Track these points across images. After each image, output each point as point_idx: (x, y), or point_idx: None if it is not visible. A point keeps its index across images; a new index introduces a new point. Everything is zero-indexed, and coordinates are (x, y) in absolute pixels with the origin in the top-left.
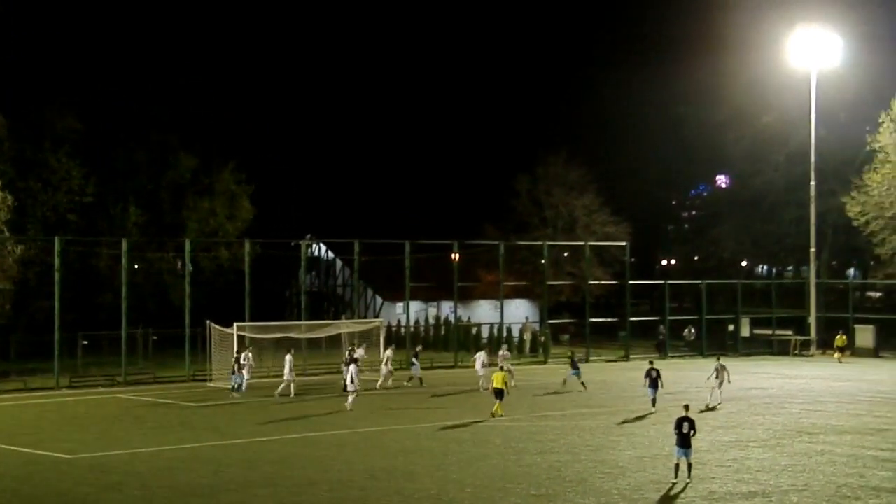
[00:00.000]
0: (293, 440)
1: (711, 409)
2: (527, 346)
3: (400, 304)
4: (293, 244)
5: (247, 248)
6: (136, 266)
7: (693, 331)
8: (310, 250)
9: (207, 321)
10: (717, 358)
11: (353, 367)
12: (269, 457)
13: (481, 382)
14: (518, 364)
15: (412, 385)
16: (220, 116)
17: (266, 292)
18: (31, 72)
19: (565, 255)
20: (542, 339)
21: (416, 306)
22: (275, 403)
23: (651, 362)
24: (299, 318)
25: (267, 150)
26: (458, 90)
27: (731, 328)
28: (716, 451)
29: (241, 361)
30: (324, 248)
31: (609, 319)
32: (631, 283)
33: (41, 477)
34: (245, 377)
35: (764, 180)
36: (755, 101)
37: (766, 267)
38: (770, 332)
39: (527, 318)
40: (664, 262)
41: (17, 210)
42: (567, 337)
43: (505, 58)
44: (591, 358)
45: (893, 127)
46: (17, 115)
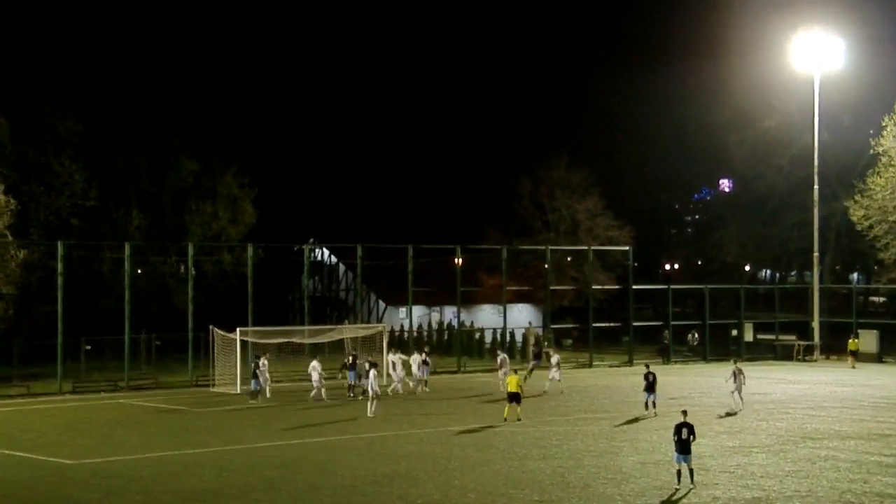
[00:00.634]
0: (296, 445)
1: (733, 414)
2: (530, 351)
3: (403, 309)
4: (296, 248)
5: (249, 252)
6: (139, 270)
7: (696, 335)
8: (313, 254)
9: (210, 326)
10: (734, 361)
11: (372, 373)
12: (272, 462)
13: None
14: (521, 369)
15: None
16: (222, 119)
17: (269, 297)
18: (33, 74)
19: (568, 259)
20: (546, 343)
21: (418, 311)
22: (278, 408)
23: (647, 366)
24: (302, 323)
25: (269, 153)
26: (460, 93)
27: (735, 333)
28: (719, 456)
29: (261, 367)
30: (327, 252)
31: (612, 324)
32: (634, 287)
33: (44, 482)
34: (261, 383)
35: (767, 184)
36: (758, 104)
37: (769, 271)
38: (773, 337)
39: (530, 323)
40: (667, 267)
41: (20, 214)
42: (570, 342)
43: (507, 60)
44: (595, 363)
45: None
46: (19, 118)
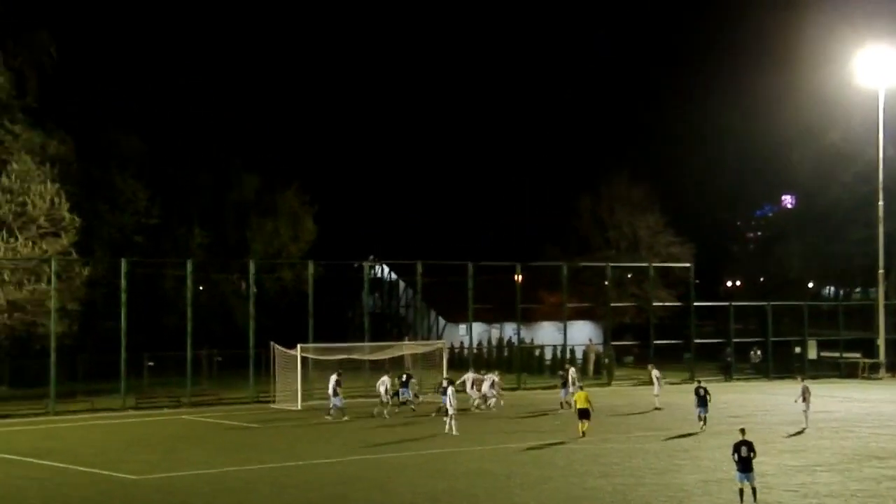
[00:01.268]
0: (355, 462)
1: (800, 432)
2: (590, 367)
3: (463, 326)
4: (356, 265)
5: (310, 269)
6: (201, 287)
7: (759, 353)
8: (373, 271)
9: (271, 342)
10: (801, 379)
11: (450, 390)
12: (332, 478)
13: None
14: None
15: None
16: (283, 136)
17: (329, 313)
18: (98, 93)
19: (629, 276)
20: (606, 360)
21: (478, 328)
22: (337, 424)
23: (698, 381)
24: (362, 340)
25: (330, 170)
26: (522, 111)
27: (798, 350)
28: (782, 475)
29: (333, 384)
30: (387, 269)
31: (673, 341)
32: (695, 304)
33: (107, 497)
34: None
35: (830, 199)
36: (821, 119)
37: (833, 288)
38: (838, 355)
39: (590, 340)
40: (729, 284)
41: (84, 231)
42: (631, 359)
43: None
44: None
45: None
46: (83, 137)
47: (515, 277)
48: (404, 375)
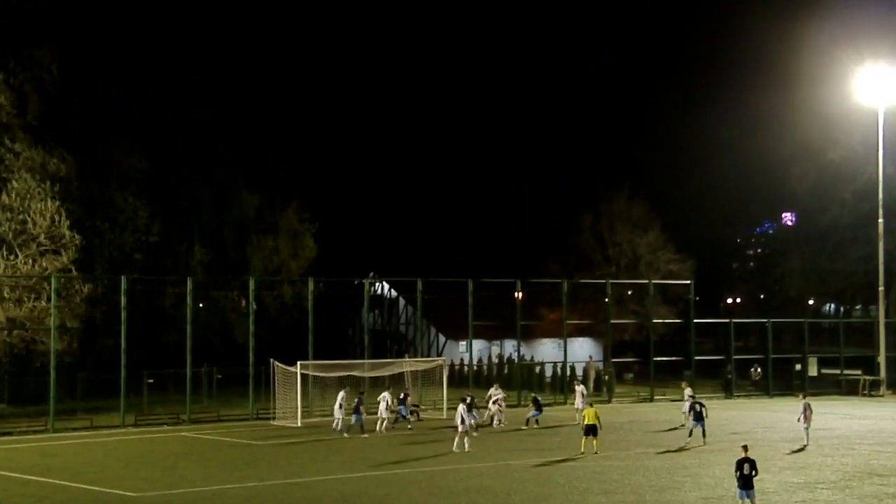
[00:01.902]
0: (356, 479)
1: (801, 449)
2: (591, 384)
3: (463, 343)
4: (356, 282)
5: (310, 286)
6: (201, 304)
7: (759, 370)
8: (373, 289)
9: (271, 359)
10: (803, 396)
11: (461, 407)
12: (333, 496)
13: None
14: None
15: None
16: (283, 155)
17: (329, 330)
18: (98, 112)
19: (629, 293)
20: (607, 377)
21: (479, 345)
22: (338, 442)
23: (693, 396)
24: (362, 357)
25: (330, 188)
26: (523, 128)
27: (799, 367)
28: (783, 492)
29: (356, 402)
30: (387, 286)
31: (674, 358)
32: (695, 321)
33: None
34: (359, 416)
35: (830, 217)
36: (821, 137)
37: (833, 305)
38: (838, 372)
39: (591, 357)
40: (729, 300)
41: (85, 249)
42: (631, 376)
43: (571, 95)
44: (656, 397)
45: None
46: (84, 155)
47: (516, 294)
48: (402, 394)
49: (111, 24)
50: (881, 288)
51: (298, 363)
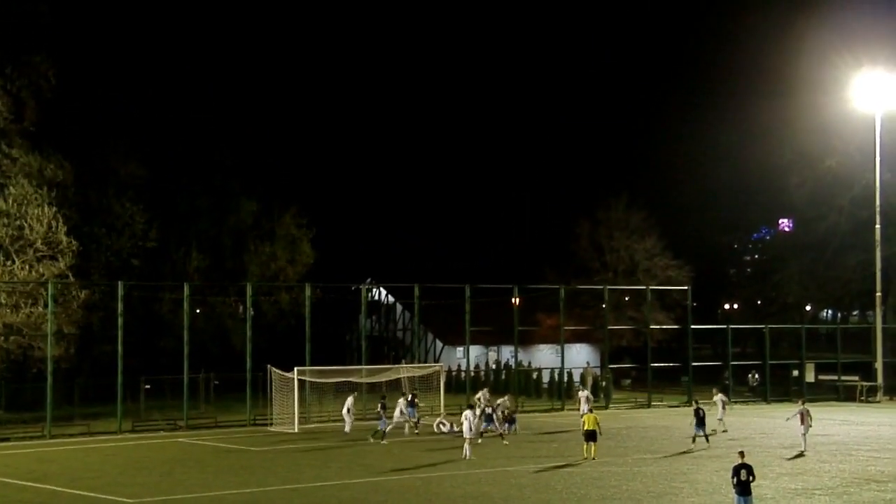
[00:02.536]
0: (354, 485)
1: (800, 455)
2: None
3: (460, 349)
4: (353, 288)
5: (307, 292)
6: (198, 310)
7: (757, 376)
8: (370, 294)
9: (268, 365)
10: (802, 402)
11: (468, 413)
12: (331, 502)
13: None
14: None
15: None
16: (281, 161)
17: (326, 336)
18: (95, 118)
19: (626, 299)
20: (604, 383)
21: (476, 350)
22: (335, 448)
23: (696, 401)
24: (359, 363)
25: (328, 194)
26: (520, 135)
27: (796, 373)
28: (781, 498)
29: (379, 408)
30: (384, 292)
31: (671, 364)
32: (693, 327)
33: None
34: (385, 423)
35: (828, 224)
36: (818, 144)
37: (830, 311)
38: (836, 378)
39: (588, 363)
40: (726, 307)
41: (82, 255)
42: (629, 382)
43: (567, 101)
44: (654, 403)
45: None
46: (81, 161)
47: (513, 300)
48: (410, 396)
49: (109, 30)
50: (878, 294)
51: (296, 369)
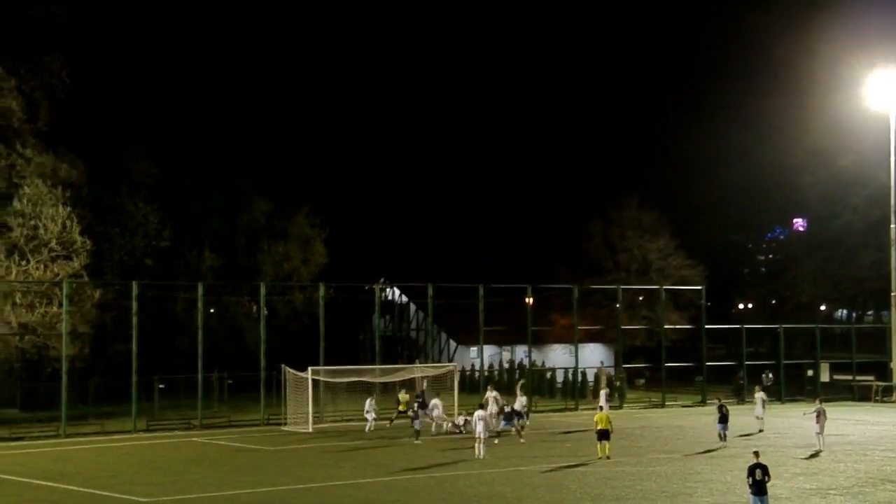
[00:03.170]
0: (367, 484)
1: (815, 455)
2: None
3: (474, 348)
4: (367, 288)
5: (321, 291)
6: (212, 310)
7: (770, 376)
8: (384, 294)
9: (282, 365)
10: (818, 401)
11: (480, 413)
12: (345, 501)
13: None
14: (594, 409)
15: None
16: (294, 161)
17: (340, 336)
18: (109, 117)
19: (640, 298)
20: (618, 383)
21: (489, 350)
22: (349, 447)
23: (719, 399)
24: (373, 362)
25: (341, 193)
26: (533, 134)
27: (810, 373)
28: (796, 498)
29: (416, 407)
30: (398, 291)
31: (685, 364)
32: (707, 326)
33: None
34: (420, 423)
35: (842, 223)
36: (832, 143)
37: (845, 311)
38: (850, 378)
39: (602, 363)
40: (740, 306)
41: (95, 255)
42: (642, 381)
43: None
44: (667, 403)
45: None
46: (95, 161)
47: (526, 300)
48: (417, 396)
49: (121, 31)
50: (893, 293)
51: (309, 368)
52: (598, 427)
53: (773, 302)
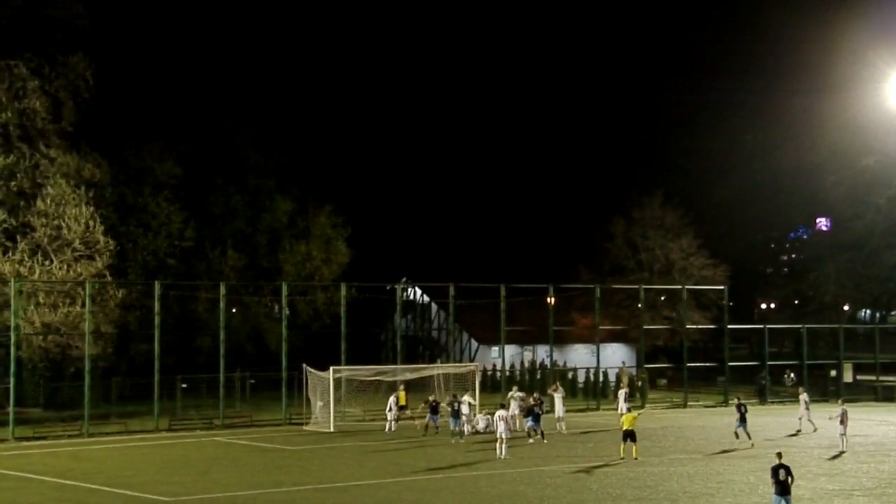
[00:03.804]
0: (389, 484)
1: (838, 456)
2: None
3: (495, 348)
4: (389, 288)
5: (343, 291)
6: (234, 310)
7: (793, 376)
8: (405, 294)
9: (303, 364)
10: (841, 402)
11: (502, 413)
12: (365, 501)
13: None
14: (616, 411)
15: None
16: (316, 161)
17: (362, 336)
18: (132, 118)
19: (662, 298)
20: (640, 383)
21: (511, 350)
22: (370, 447)
23: (738, 398)
24: (395, 362)
25: (363, 193)
26: (554, 133)
27: (834, 373)
28: (819, 499)
29: (455, 406)
30: (419, 291)
31: (707, 364)
32: (729, 326)
33: None
34: (460, 421)
35: (865, 223)
36: (856, 143)
37: (868, 311)
38: (874, 378)
39: (623, 363)
40: (763, 306)
41: (119, 255)
42: (665, 381)
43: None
44: (689, 403)
45: None
46: (118, 161)
47: (548, 300)
48: (432, 399)
49: (146, 31)
50: None
51: (331, 368)
52: (623, 427)
53: (796, 302)
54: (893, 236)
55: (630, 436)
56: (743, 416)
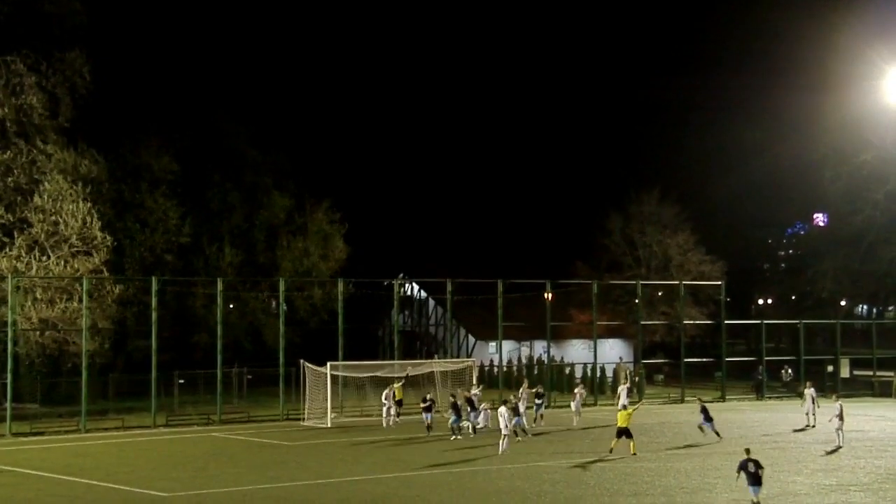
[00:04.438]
0: (387, 480)
1: (834, 451)
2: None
3: (493, 344)
4: (386, 283)
5: (340, 287)
6: (231, 305)
7: (790, 371)
8: (402, 290)
9: (301, 360)
10: (836, 398)
11: (503, 409)
12: (362, 497)
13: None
14: (614, 406)
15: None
16: (313, 157)
17: (359, 331)
18: (129, 114)
19: (659, 294)
20: (637, 379)
21: (508, 346)
22: (368, 443)
23: (700, 399)
24: (392, 358)
25: (360, 190)
26: (551, 129)
27: (831, 369)
28: (816, 494)
29: (475, 402)
30: (416, 287)
31: (704, 359)
32: (727, 322)
33: None
34: (475, 417)
35: (863, 219)
36: (853, 139)
37: (865, 306)
38: (871, 374)
39: (621, 359)
40: (760, 302)
41: (116, 250)
42: (662, 377)
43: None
44: (686, 398)
45: None
46: (115, 157)
47: (545, 295)
48: (427, 398)
49: (143, 28)
50: None
51: (328, 364)
52: (619, 424)
53: (794, 297)
54: (891, 232)
55: (625, 432)
56: (707, 415)
